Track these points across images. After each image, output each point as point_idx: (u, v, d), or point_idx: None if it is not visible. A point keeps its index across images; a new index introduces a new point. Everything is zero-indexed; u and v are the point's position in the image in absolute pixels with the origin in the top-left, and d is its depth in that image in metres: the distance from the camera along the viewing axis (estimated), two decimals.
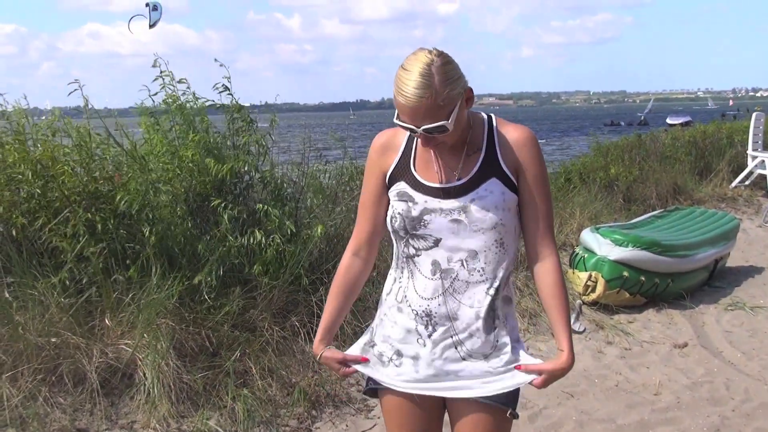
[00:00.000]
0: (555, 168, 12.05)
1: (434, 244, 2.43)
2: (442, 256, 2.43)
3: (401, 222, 2.44)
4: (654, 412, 4.95)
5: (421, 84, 2.22)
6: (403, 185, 2.47)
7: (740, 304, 7.23)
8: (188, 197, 5.43)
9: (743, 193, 12.98)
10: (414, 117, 2.27)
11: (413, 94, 2.23)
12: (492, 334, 2.47)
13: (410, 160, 2.50)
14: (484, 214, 2.38)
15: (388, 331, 2.55)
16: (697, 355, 5.98)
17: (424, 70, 2.23)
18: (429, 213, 2.42)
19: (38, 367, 4.43)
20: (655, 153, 13.00)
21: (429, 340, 2.48)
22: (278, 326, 5.20)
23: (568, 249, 8.32)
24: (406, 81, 2.24)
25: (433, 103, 2.24)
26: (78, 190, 5.03)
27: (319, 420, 4.72)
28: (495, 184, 2.40)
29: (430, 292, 2.45)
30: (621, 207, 10.66)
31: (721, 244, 8.02)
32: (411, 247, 2.46)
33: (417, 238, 2.45)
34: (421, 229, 2.43)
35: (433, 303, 2.45)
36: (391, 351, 2.55)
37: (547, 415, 4.90)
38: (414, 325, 2.49)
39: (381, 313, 2.61)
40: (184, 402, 4.56)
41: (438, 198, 2.42)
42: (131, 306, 4.77)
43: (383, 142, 2.56)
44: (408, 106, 2.25)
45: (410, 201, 2.44)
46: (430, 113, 2.25)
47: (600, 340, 6.28)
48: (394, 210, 2.46)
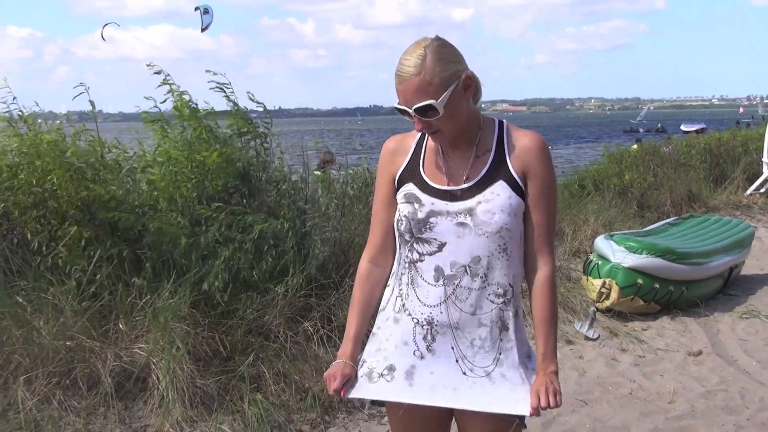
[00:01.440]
0: (568, 176, 12.04)
1: (438, 249, 2.40)
2: (446, 261, 2.39)
3: (407, 225, 2.42)
4: (668, 420, 4.93)
5: (412, 62, 2.27)
6: (411, 186, 2.46)
7: (755, 312, 7.19)
8: (197, 203, 5.41)
9: (758, 201, 12.93)
10: (405, 95, 2.30)
11: (402, 71, 2.28)
12: (496, 348, 2.42)
13: (419, 161, 2.49)
14: (489, 216, 2.36)
15: (383, 344, 2.51)
16: (711, 364, 5.95)
17: (417, 50, 2.28)
18: (435, 215, 2.40)
19: (53, 371, 4.44)
20: (670, 160, 12.96)
21: (428, 352, 2.43)
22: (291, 331, 5.20)
23: (582, 256, 8.31)
24: (401, 59, 2.30)
25: (422, 81, 2.26)
26: (88, 198, 5.04)
27: (332, 425, 4.72)
28: (502, 187, 2.38)
29: (433, 299, 2.41)
30: (635, 214, 10.64)
31: (735, 251, 7.99)
32: (415, 252, 2.43)
33: (422, 242, 2.42)
34: (427, 232, 2.40)
35: (435, 311, 2.40)
36: (383, 366, 2.48)
37: (561, 422, 4.88)
38: (411, 337, 2.44)
39: (375, 327, 2.57)
40: (198, 406, 4.56)
41: (445, 200, 2.40)
42: (145, 310, 4.78)
43: (393, 146, 2.56)
44: (398, 85, 2.30)
45: (417, 203, 2.42)
46: (420, 91, 2.27)
47: (614, 348, 6.26)
48: (401, 212, 2.45)
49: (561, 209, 9.53)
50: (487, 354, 2.41)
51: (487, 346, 2.41)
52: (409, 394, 2.45)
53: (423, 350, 2.43)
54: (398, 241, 2.50)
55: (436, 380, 2.43)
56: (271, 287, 5.29)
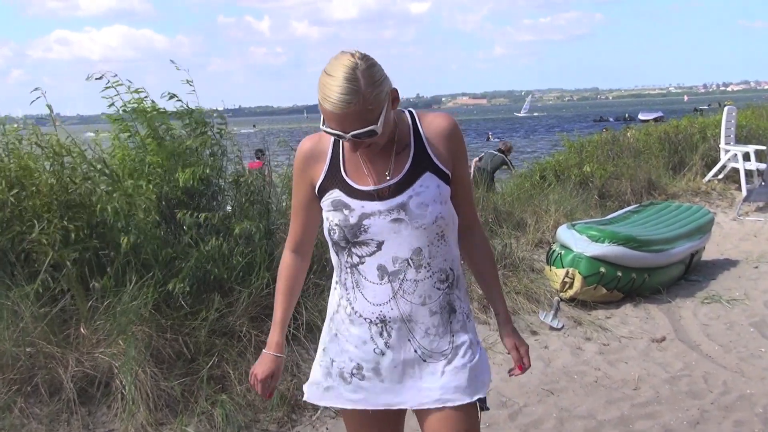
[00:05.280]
0: (530, 166, 12.11)
1: (377, 248, 2.40)
2: (387, 258, 2.40)
3: (341, 233, 2.40)
4: (634, 407, 4.97)
5: (348, 90, 2.18)
6: (336, 193, 2.42)
7: (716, 297, 7.28)
8: (160, 204, 5.38)
9: (717, 187, 13.07)
10: (342, 123, 2.23)
11: (340, 101, 2.19)
12: (449, 331, 2.47)
13: (340, 166, 2.45)
14: (423, 209, 2.37)
15: (344, 345, 2.51)
16: (675, 349, 6.01)
17: (349, 75, 2.19)
18: (368, 217, 2.38)
19: (13, 378, 4.37)
20: (629, 149, 13.07)
21: (387, 348, 2.45)
22: (256, 330, 5.16)
23: (545, 246, 8.35)
24: (332, 87, 2.19)
25: (361, 109, 2.20)
26: (51, 200, 4.96)
27: (299, 424, 4.70)
28: (430, 179, 2.40)
29: (380, 297, 2.42)
30: (596, 203, 10.71)
31: (696, 237, 8.07)
32: (354, 256, 2.42)
33: (359, 245, 2.41)
34: (362, 235, 2.39)
35: (385, 308, 2.42)
36: (351, 365, 2.50)
37: (528, 413, 4.90)
38: (368, 335, 2.46)
39: (331, 330, 2.56)
40: (162, 409, 4.51)
41: (373, 201, 2.39)
42: (106, 314, 4.72)
43: (308, 150, 2.50)
44: (335, 113, 2.21)
45: (346, 209, 2.40)
46: (359, 118, 2.21)
47: (578, 337, 6.29)
48: (331, 222, 2.42)
49: (523, 200, 9.59)
50: (441, 339, 2.46)
51: (441, 331, 2.46)
52: (381, 397, 2.50)
53: (382, 347, 2.45)
54: (333, 250, 2.48)
55: (402, 371, 2.47)
56: (236, 287, 5.25)
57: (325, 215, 2.46)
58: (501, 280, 2.65)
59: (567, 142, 13.08)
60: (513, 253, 7.48)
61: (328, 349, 2.57)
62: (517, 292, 6.85)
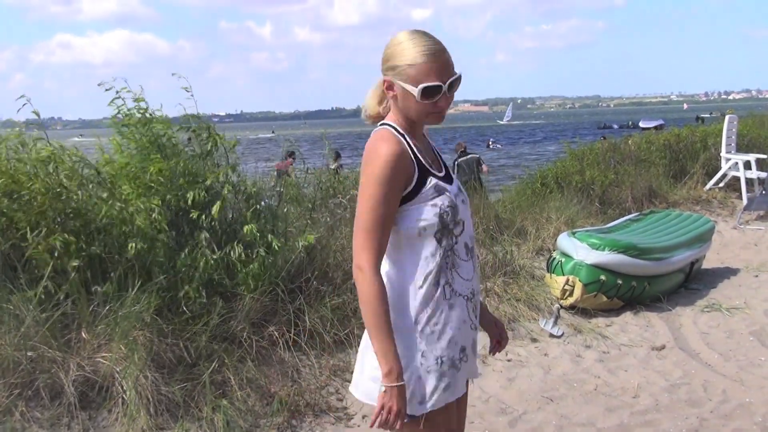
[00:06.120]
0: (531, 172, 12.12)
1: (463, 227, 2.56)
2: (468, 237, 2.58)
3: (452, 214, 2.52)
4: (633, 414, 4.97)
5: (437, 41, 2.43)
6: (434, 180, 2.52)
7: (716, 305, 7.28)
8: (163, 210, 5.38)
9: (717, 195, 13.07)
10: (440, 72, 2.41)
11: (440, 49, 2.42)
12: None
13: (419, 156, 2.53)
14: (465, 192, 2.63)
15: (448, 334, 2.51)
16: (674, 358, 6.02)
17: (426, 33, 2.44)
18: (455, 198, 2.55)
19: (14, 382, 4.38)
20: (630, 157, 13.07)
21: (476, 321, 2.64)
22: (257, 336, 5.18)
23: (545, 254, 8.36)
24: (425, 42, 2.41)
25: (450, 56, 2.46)
26: (51, 207, 4.97)
27: (299, 429, 4.71)
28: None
29: (468, 272, 2.58)
30: (597, 211, 10.72)
31: (696, 246, 8.08)
32: (453, 237, 2.53)
33: (456, 225, 2.54)
34: (457, 215, 2.54)
35: (474, 282, 2.61)
36: (457, 349, 2.56)
37: (527, 420, 4.91)
38: (466, 313, 2.58)
39: (424, 332, 2.49)
40: (163, 414, 4.52)
41: (449, 184, 2.56)
42: (108, 318, 4.73)
43: (401, 151, 2.45)
44: (437, 63, 2.40)
45: (445, 192, 2.53)
46: (451, 65, 2.45)
47: (578, 344, 6.30)
48: (441, 206, 2.49)
49: (524, 207, 9.62)
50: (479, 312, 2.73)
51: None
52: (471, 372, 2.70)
53: (475, 322, 2.64)
54: (436, 236, 2.49)
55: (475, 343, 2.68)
56: (238, 292, 5.27)
57: (432, 203, 2.48)
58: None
59: (568, 148, 13.08)
60: (513, 260, 7.49)
61: (427, 352, 2.49)
62: (518, 299, 6.86)
